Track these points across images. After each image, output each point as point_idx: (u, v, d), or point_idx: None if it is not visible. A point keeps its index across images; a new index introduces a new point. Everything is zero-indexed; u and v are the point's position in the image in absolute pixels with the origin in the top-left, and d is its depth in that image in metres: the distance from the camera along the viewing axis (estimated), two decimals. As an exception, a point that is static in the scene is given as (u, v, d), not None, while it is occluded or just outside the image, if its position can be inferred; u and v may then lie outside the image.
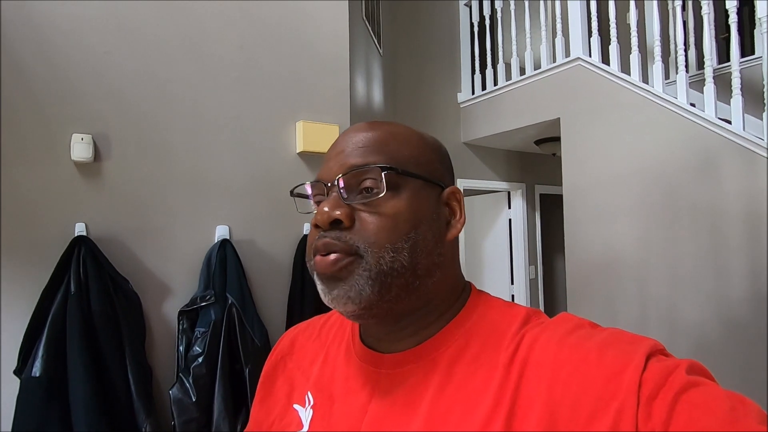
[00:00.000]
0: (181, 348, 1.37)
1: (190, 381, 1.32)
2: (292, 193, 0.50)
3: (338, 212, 0.41)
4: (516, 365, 0.38)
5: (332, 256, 0.41)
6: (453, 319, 0.44)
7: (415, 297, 0.43)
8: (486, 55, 3.48)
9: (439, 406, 0.40)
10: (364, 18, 2.35)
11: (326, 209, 0.42)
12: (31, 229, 1.27)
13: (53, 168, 1.31)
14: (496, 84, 3.34)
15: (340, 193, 0.43)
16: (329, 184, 0.44)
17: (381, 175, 0.42)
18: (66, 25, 1.35)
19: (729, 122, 2.11)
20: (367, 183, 0.43)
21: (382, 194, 0.42)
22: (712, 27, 2.31)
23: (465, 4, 3.66)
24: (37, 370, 1.14)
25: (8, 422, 1.14)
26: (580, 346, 0.37)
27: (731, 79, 2.14)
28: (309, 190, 0.48)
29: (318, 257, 0.42)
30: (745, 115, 2.11)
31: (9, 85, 1.26)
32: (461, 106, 3.60)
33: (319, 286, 0.43)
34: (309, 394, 0.50)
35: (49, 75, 1.32)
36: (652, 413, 0.31)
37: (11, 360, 1.18)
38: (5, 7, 1.26)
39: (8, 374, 1.18)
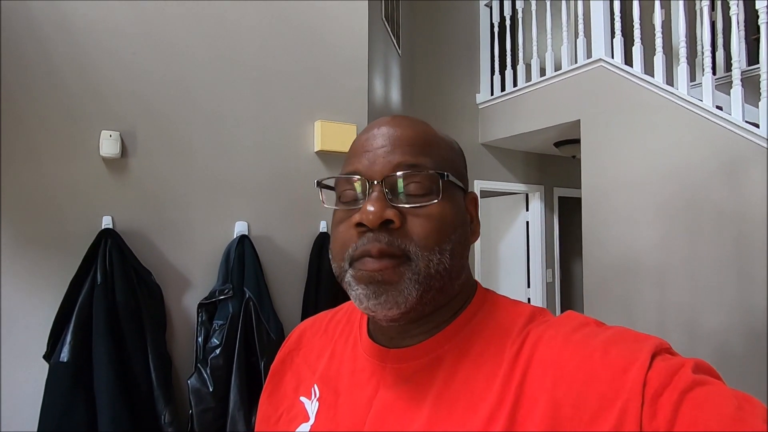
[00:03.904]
0: (199, 339, 1.41)
1: (208, 372, 1.35)
2: (319, 183, 0.47)
3: (389, 213, 0.40)
4: (520, 362, 0.38)
5: (382, 263, 0.40)
6: (459, 317, 0.45)
7: (442, 298, 0.43)
8: (506, 55, 3.45)
9: (443, 401, 0.40)
10: (384, 19, 2.36)
11: (372, 208, 0.40)
12: (61, 221, 1.32)
13: (83, 163, 1.36)
14: (515, 85, 3.31)
15: (385, 192, 0.41)
16: (372, 182, 0.42)
17: (439, 180, 0.41)
18: (96, 27, 1.40)
19: (757, 126, 2.05)
20: (414, 185, 0.41)
21: (435, 201, 0.41)
22: (742, 28, 2.24)
23: (485, 5, 3.63)
24: (65, 356, 1.19)
25: (36, 404, 1.20)
26: (584, 343, 0.37)
27: (760, 82, 2.07)
28: (347, 185, 0.44)
29: (366, 262, 0.40)
30: (774, 118, 2.05)
31: (42, 84, 1.32)
32: (480, 107, 3.58)
33: (361, 291, 0.41)
34: (315, 386, 0.50)
35: (80, 75, 1.37)
36: (657, 412, 0.31)
37: (40, 345, 1.23)
38: (39, 11, 1.32)
39: (37, 359, 1.24)
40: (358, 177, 0.43)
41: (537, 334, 0.40)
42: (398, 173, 0.41)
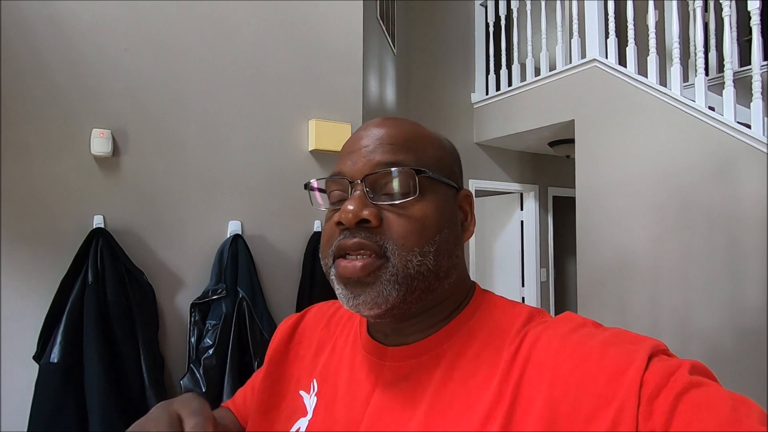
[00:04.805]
0: (192, 339, 1.40)
1: (201, 372, 1.34)
2: (306, 186, 0.48)
3: (366, 212, 0.40)
4: (518, 363, 0.38)
5: (360, 263, 0.40)
6: (457, 317, 0.45)
7: (432, 298, 0.43)
8: (501, 55, 3.46)
9: (440, 400, 0.40)
10: (378, 17, 2.35)
11: (351, 207, 0.40)
12: (52, 220, 1.31)
13: (74, 161, 1.34)
14: (510, 84, 3.32)
15: (366, 191, 0.42)
16: (354, 181, 0.42)
17: (415, 177, 0.41)
18: (87, 24, 1.38)
19: (749, 126, 2.07)
20: (395, 183, 0.42)
21: (413, 197, 0.41)
22: (734, 29, 2.26)
23: (481, 4, 3.64)
24: (55, 356, 1.18)
25: (26, 405, 1.18)
26: (582, 344, 0.37)
27: (752, 83, 2.09)
28: (333, 185, 0.45)
29: (344, 262, 0.41)
30: (766, 119, 2.07)
31: (33, 81, 1.30)
32: (475, 107, 3.58)
33: (341, 291, 0.42)
34: (314, 381, 0.50)
35: (71, 72, 1.35)
36: (653, 413, 0.31)
37: (31, 346, 1.22)
38: (30, 8, 1.30)
39: (27, 360, 1.22)
40: (342, 177, 0.43)
41: (535, 334, 0.40)
42: (376, 171, 0.42)
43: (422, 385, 0.42)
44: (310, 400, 0.49)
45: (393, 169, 0.42)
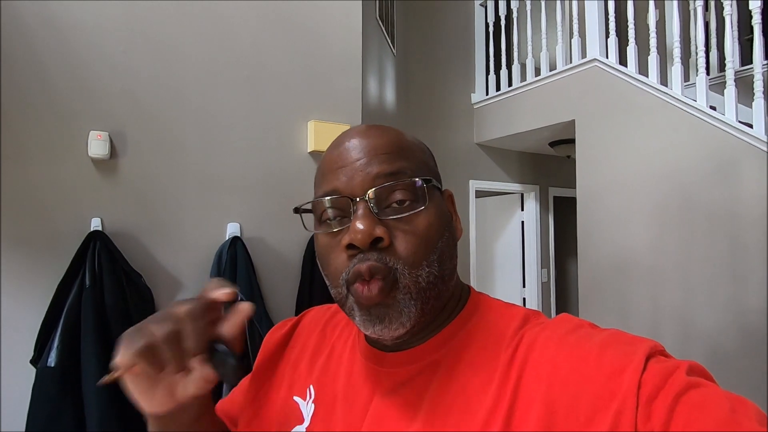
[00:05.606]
0: (191, 342, 1.39)
1: (199, 375, 1.33)
2: (297, 210, 0.46)
3: (378, 230, 0.39)
4: (515, 365, 0.38)
5: (376, 287, 0.39)
6: (453, 321, 0.45)
7: (439, 303, 0.43)
8: (501, 55, 3.46)
9: (439, 405, 0.40)
10: (378, 18, 2.35)
11: (362, 227, 0.38)
12: (49, 223, 1.30)
13: (71, 164, 1.34)
14: (510, 85, 3.31)
15: (371, 207, 0.40)
16: (355, 198, 0.40)
17: (423, 186, 0.41)
18: (85, 25, 1.38)
19: (750, 126, 2.06)
20: (399, 195, 0.40)
21: (422, 208, 0.40)
22: (735, 28, 2.25)
23: (480, 4, 3.63)
24: (52, 360, 1.17)
25: (23, 410, 1.18)
26: (579, 346, 0.36)
27: (753, 82, 2.08)
28: (327, 205, 0.42)
29: (360, 287, 0.39)
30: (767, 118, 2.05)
31: (30, 83, 1.30)
32: (475, 107, 3.58)
33: (364, 317, 0.40)
34: (311, 387, 0.50)
35: (69, 74, 1.35)
36: (652, 414, 0.31)
37: (28, 350, 1.21)
38: (28, 9, 1.30)
39: (25, 364, 1.21)
40: (339, 196, 0.41)
41: (531, 336, 0.40)
42: (381, 185, 0.40)
43: (421, 390, 0.42)
44: (306, 407, 0.49)
45: (399, 180, 0.41)
